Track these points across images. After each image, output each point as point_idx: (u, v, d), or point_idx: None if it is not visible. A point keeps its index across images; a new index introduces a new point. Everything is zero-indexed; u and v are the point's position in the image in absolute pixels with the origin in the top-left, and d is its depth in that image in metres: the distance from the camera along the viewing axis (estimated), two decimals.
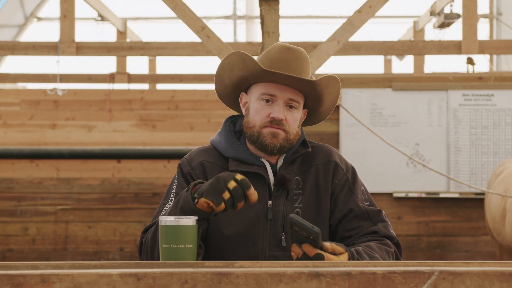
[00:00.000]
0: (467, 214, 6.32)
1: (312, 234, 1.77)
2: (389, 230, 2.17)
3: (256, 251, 2.11)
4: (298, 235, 1.82)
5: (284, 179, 2.13)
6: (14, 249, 7.48)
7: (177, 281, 1.27)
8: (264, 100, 2.12)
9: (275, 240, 2.12)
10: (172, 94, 7.72)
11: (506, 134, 6.21)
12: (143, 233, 2.11)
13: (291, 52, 2.11)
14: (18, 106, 7.67)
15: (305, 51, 2.18)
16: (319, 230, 1.78)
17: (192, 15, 4.56)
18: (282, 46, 2.13)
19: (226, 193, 1.87)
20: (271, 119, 2.10)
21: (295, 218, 1.79)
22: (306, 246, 1.81)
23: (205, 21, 8.27)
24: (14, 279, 1.26)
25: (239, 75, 2.14)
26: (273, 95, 2.11)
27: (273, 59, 2.11)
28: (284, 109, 2.11)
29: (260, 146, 2.13)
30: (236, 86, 2.19)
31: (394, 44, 6.17)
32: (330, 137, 6.20)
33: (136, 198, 7.50)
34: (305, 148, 2.22)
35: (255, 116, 2.13)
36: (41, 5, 11.64)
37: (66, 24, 6.44)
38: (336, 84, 2.16)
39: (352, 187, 2.20)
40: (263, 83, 2.12)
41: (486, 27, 9.96)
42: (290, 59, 2.10)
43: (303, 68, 2.11)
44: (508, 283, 1.28)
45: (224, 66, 2.16)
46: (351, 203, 2.17)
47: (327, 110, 2.24)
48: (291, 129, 2.13)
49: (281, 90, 2.10)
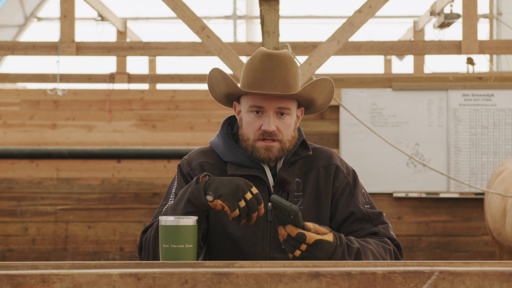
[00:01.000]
0: (467, 214, 6.32)
1: (291, 212, 1.82)
2: (389, 232, 2.17)
3: (256, 253, 2.12)
4: (282, 217, 1.86)
5: (284, 181, 2.14)
6: (14, 249, 7.48)
7: (177, 281, 1.27)
8: (254, 112, 2.12)
9: (275, 242, 2.12)
10: (172, 94, 7.72)
11: (506, 134, 6.21)
12: (143, 233, 2.11)
13: (273, 59, 2.09)
14: (18, 106, 7.67)
15: (289, 53, 2.15)
16: (297, 208, 1.82)
17: (192, 15, 4.56)
18: (264, 54, 2.11)
19: (243, 201, 1.93)
20: (263, 131, 2.10)
21: (275, 199, 1.85)
22: (289, 227, 1.86)
23: (205, 21, 8.27)
24: (14, 279, 1.26)
25: (224, 91, 2.17)
26: (261, 107, 2.10)
27: (257, 70, 2.09)
28: (274, 118, 2.10)
29: (256, 159, 2.14)
30: (227, 97, 2.21)
31: (394, 44, 6.17)
32: (330, 137, 6.20)
33: (136, 198, 7.50)
34: (305, 149, 2.22)
35: (247, 129, 2.14)
36: (41, 5, 11.64)
37: (66, 24, 6.44)
38: (325, 82, 2.14)
39: (353, 190, 2.20)
40: (250, 96, 2.12)
41: (486, 27, 9.96)
42: (273, 68, 2.08)
43: (288, 73, 2.09)
44: (508, 283, 1.28)
45: (211, 80, 2.19)
46: (352, 206, 2.17)
47: (324, 104, 2.23)
48: (285, 136, 2.12)
49: (269, 100, 2.09)
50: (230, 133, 2.24)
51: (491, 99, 6.20)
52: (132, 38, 8.98)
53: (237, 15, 11.88)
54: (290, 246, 1.87)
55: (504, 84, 6.22)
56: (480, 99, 6.21)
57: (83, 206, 7.49)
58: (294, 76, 2.11)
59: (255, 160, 2.16)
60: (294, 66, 2.12)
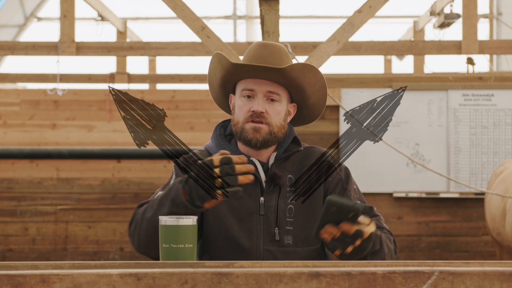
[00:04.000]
0: (467, 214, 6.32)
1: (355, 210, 1.78)
2: (382, 223, 2.22)
3: (251, 246, 2.15)
4: (330, 217, 1.82)
5: (275, 176, 2.17)
6: (14, 249, 7.49)
7: (177, 281, 1.27)
8: (245, 97, 2.17)
9: (269, 235, 2.15)
10: (172, 94, 7.72)
11: (506, 134, 6.21)
12: (137, 208, 2.14)
13: (268, 47, 2.17)
14: (18, 106, 7.67)
15: (285, 48, 2.22)
16: (362, 205, 1.80)
17: (192, 15, 4.56)
18: (260, 44, 2.20)
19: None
20: (252, 112, 2.14)
21: (334, 200, 1.79)
22: (346, 225, 1.82)
23: (205, 21, 8.27)
24: (14, 279, 1.26)
25: (220, 76, 2.21)
26: (252, 90, 2.15)
27: (251, 56, 2.17)
28: (264, 102, 2.15)
29: (244, 141, 2.17)
30: (223, 88, 2.25)
31: (394, 44, 6.17)
32: (330, 137, 6.20)
33: (136, 198, 7.50)
34: (296, 145, 2.27)
35: (238, 113, 2.18)
36: (41, 5, 11.65)
37: (66, 24, 6.44)
38: (316, 74, 2.16)
39: (345, 185, 2.25)
40: (243, 81, 2.18)
41: (486, 27, 9.96)
42: (267, 55, 2.15)
43: (281, 62, 2.15)
44: (508, 283, 1.28)
45: (210, 71, 2.24)
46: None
47: (318, 104, 2.25)
48: (274, 121, 2.16)
49: (259, 84, 2.15)
50: (223, 134, 2.29)
51: (491, 99, 6.20)
52: (132, 38, 8.98)
53: (237, 15, 11.88)
54: (343, 244, 1.84)
55: (504, 84, 6.22)
56: (480, 99, 6.21)
57: (83, 206, 7.49)
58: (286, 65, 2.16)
59: (245, 154, 2.19)
60: (288, 57, 2.20)
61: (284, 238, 2.16)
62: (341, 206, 1.79)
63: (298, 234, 2.16)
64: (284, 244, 2.15)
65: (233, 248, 2.15)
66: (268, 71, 2.11)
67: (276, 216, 2.16)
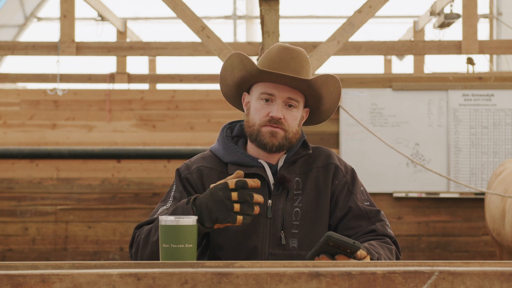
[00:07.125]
0: (467, 214, 6.32)
1: (353, 248, 1.82)
2: (387, 229, 2.21)
3: (256, 249, 2.14)
4: (326, 248, 1.85)
5: (284, 179, 2.16)
6: (14, 249, 7.48)
7: (177, 281, 1.27)
8: (263, 100, 2.15)
9: (274, 239, 2.15)
10: (172, 94, 7.72)
11: (506, 134, 6.21)
12: (136, 228, 2.14)
13: (290, 52, 2.15)
14: (18, 106, 7.67)
15: (305, 52, 2.21)
16: (360, 244, 1.84)
17: (192, 15, 4.56)
18: (282, 47, 2.17)
19: (236, 206, 1.92)
20: (270, 118, 2.14)
21: (334, 236, 1.82)
22: (341, 257, 1.85)
23: (205, 21, 8.27)
24: (14, 279, 1.26)
25: (239, 76, 2.18)
26: (271, 95, 2.14)
27: (272, 59, 2.14)
28: (283, 108, 2.15)
29: (259, 144, 2.16)
30: (238, 87, 2.24)
31: (394, 44, 6.17)
32: (330, 137, 6.20)
33: (136, 198, 7.50)
34: (305, 149, 2.26)
35: (255, 115, 2.17)
36: (41, 5, 11.64)
37: (66, 24, 6.44)
38: (335, 83, 2.18)
39: (351, 188, 2.24)
40: (262, 83, 2.16)
41: (486, 27, 9.96)
42: (289, 59, 2.13)
43: (302, 68, 2.14)
44: (508, 283, 1.28)
45: (226, 67, 2.21)
46: (350, 203, 2.22)
47: (330, 109, 2.27)
48: (290, 128, 2.16)
49: (280, 89, 2.13)
50: (229, 136, 2.28)
51: (491, 99, 6.20)
52: (132, 38, 8.98)
53: (237, 15, 11.87)
54: None
55: (504, 84, 6.21)
56: (480, 99, 6.21)
57: (83, 206, 7.49)
58: (307, 72, 2.17)
59: (254, 157, 2.19)
60: (307, 63, 2.19)
61: (290, 241, 2.16)
62: (339, 244, 1.82)
63: (304, 238, 2.16)
64: (289, 247, 2.15)
65: (238, 250, 2.15)
66: (293, 80, 2.10)
67: (283, 219, 2.16)
